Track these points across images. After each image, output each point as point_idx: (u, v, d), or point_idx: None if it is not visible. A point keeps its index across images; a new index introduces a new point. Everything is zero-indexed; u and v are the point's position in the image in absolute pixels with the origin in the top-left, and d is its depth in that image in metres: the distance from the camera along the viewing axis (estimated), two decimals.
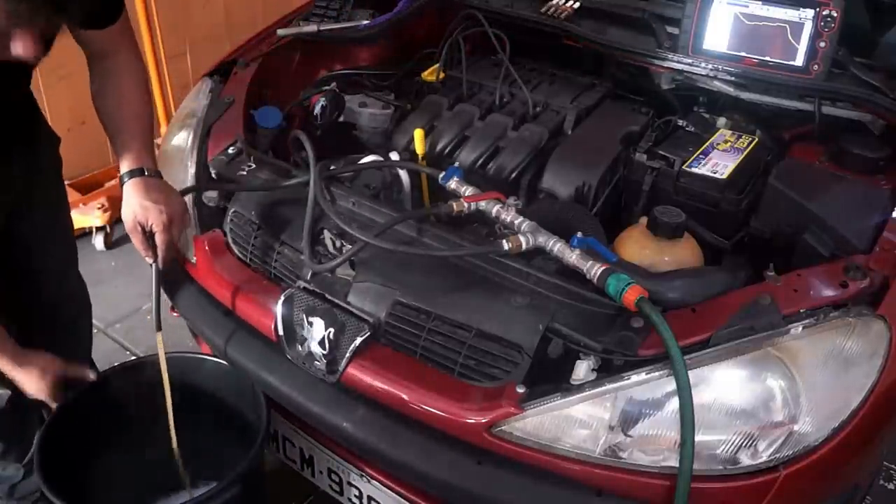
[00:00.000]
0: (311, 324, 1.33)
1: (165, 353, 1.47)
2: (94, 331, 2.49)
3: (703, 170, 1.54)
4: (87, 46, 1.44)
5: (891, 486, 2.03)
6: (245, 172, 1.59)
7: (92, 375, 1.51)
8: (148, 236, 1.39)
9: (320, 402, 1.34)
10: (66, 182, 2.85)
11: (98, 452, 1.55)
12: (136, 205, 1.38)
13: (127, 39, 1.47)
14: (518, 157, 1.64)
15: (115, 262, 2.87)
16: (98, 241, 2.89)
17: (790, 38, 1.51)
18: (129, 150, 1.42)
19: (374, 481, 1.45)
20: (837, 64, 1.53)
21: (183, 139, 1.71)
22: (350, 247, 1.37)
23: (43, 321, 1.71)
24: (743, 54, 1.57)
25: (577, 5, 1.87)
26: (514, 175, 1.63)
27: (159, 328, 1.44)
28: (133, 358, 2.35)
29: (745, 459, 1.13)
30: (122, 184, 1.41)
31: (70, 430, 1.49)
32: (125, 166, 1.41)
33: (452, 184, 1.47)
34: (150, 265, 1.42)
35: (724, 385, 1.14)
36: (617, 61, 1.85)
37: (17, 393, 1.47)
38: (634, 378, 1.13)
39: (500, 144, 1.69)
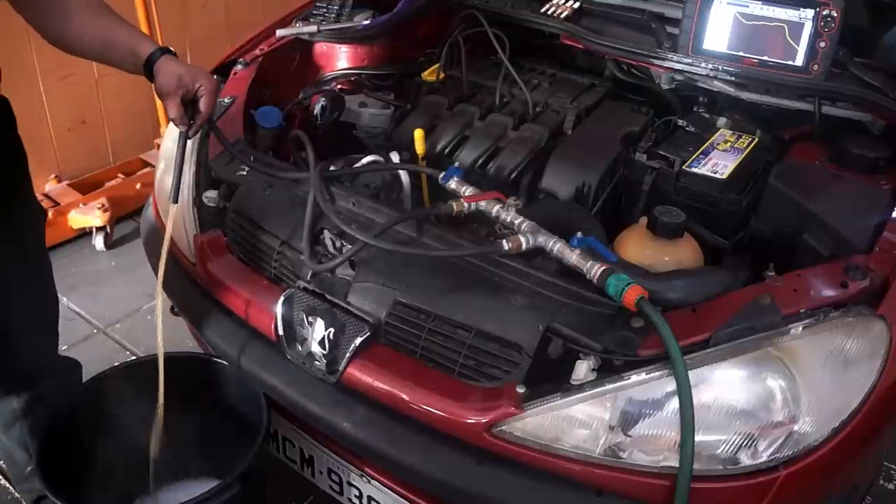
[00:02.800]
0: (311, 324, 1.33)
1: (166, 353, 1.47)
2: (94, 331, 2.51)
3: (703, 170, 1.54)
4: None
5: (891, 486, 2.03)
6: (245, 172, 1.59)
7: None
8: (186, 102, 1.36)
9: (320, 402, 1.34)
10: (65, 182, 2.84)
11: (98, 452, 1.55)
12: (181, 69, 1.35)
13: None
14: (518, 157, 1.64)
15: (115, 262, 2.87)
16: (98, 241, 2.88)
17: (790, 38, 1.51)
18: (140, 37, 1.38)
19: (374, 481, 1.45)
20: (837, 64, 1.53)
21: None
22: (350, 247, 1.37)
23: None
24: (743, 54, 1.57)
25: (577, 5, 1.87)
26: (514, 175, 1.63)
27: (176, 200, 1.38)
28: (133, 358, 2.35)
29: (745, 459, 1.13)
30: (149, 64, 1.35)
31: (70, 430, 1.49)
32: (146, 48, 1.36)
33: (452, 184, 1.47)
34: (181, 132, 1.38)
35: (724, 385, 1.14)
36: (617, 61, 1.85)
37: None
38: (634, 378, 1.13)
39: (500, 144, 1.69)
